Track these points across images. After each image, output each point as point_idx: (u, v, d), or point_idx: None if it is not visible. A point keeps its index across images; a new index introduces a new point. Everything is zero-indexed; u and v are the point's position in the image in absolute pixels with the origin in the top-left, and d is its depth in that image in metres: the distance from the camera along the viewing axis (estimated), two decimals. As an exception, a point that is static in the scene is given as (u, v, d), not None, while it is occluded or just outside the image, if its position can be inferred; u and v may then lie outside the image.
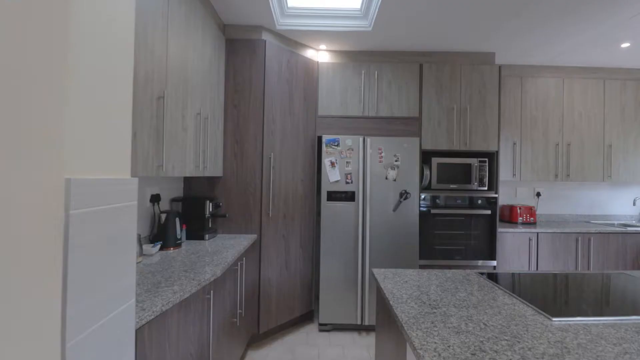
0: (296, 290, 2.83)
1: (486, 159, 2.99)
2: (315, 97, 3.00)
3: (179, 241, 2.08)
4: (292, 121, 2.83)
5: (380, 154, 2.87)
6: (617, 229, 2.97)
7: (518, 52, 3.08)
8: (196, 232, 2.33)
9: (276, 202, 2.67)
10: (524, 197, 3.55)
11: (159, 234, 2.04)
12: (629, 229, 2.95)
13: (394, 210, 2.86)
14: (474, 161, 2.99)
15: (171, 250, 2.01)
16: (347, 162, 2.85)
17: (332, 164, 2.86)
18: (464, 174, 2.99)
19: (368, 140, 2.84)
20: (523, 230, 2.97)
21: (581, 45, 2.87)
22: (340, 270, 2.80)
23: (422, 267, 2.94)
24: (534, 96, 3.24)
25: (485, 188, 2.99)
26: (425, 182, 3.02)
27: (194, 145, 2.01)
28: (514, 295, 1.28)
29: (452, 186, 3.00)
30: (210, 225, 2.43)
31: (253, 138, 2.58)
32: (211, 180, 2.57)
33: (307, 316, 2.99)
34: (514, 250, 2.98)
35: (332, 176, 2.86)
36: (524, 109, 3.24)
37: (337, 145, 2.86)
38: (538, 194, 3.51)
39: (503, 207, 3.40)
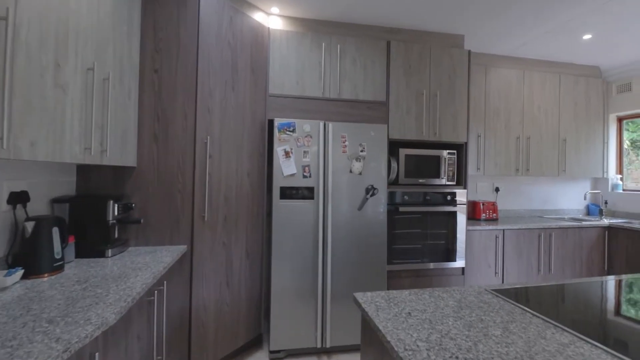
0: (241, 311, 2.24)
1: (455, 151, 2.75)
2: (266, 70, 2.43)
3: (59, 263, 1.37)
4: (236, 98, 2.23)
5: (344, 142, 2.42)
6: (574, 223, 2.96)
7: (485, 39, 2.90)
8: (93, 246, 1.61)
9: (214, 201, 2.06)
10: (484, 192, 3.43)
11: (23, 253, 1.31)
12: (584, 223, 2.97)
13: (360, 208, 2.44)
14: (443, 153, 2.72)
15: (45, 279, 1.30)
16: (304, 152, 2.35)
17: (287, 154, 2.34)
18: (432, 167, 2.71)
19: (330, 126, 2.37)
20: (490, 227, 2.79)
21: (545, 35, 2.77)
22: (296, 282, 2.30)
23: (390, 272, 2.58)
24: (497, 87, 3.11)
25: (454, 183, 2.75)
26: (393, 176, 2.66)
27: (81, 115, 1.32)
28: (563, 327, 0.91)
29: (420, 181, 2.69)
30: (116, 236, 1.73)
31: (182, 116, 1.93)
32: (119, 172, 1.85)
33: (255, 342, 2.42)
34: (482, 248, 2.79)
35: (287, 169, 2.33)
36: (487, 100, 3.09)
37: (293, 131, 2.34)
38: (497, 189, 3.42)
39: (467, 202, 3.22)
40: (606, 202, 3.48)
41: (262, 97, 2.42)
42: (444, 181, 2.73)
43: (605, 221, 3.05)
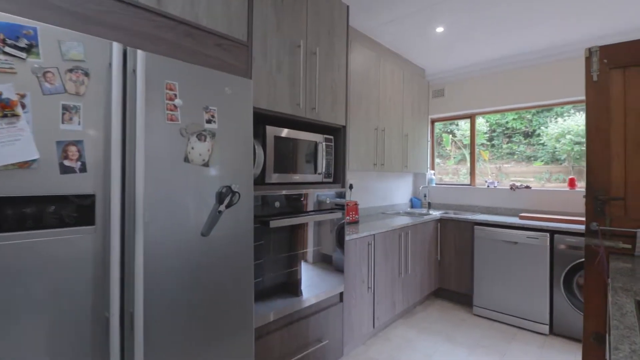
0: None
1: (332, 137, 2.05)
2: None
3: None
4: None
5: (172, 100, 1.18)
6: (419, 218, 2.97)
7: (355, 4, 2.36)
8: None
9: None
10: (339, 191, 2.97)
11: None
12: (425, 217, 3.04)
13: (206, 232, 1.27)
14: (319, 139, 1.96)
15: None
16: (66, 108, 0.95)
17: (4, 108, 0.86)
18: (309, 158, 1.89)
19: (140, 57, 1.06)
20: (365, 234, 2.29)
21: (407, 17, 2.55)
22: None
23: (260, 330, 1.56)
24: (360, 68, 2.67)
25: (331, 180, 2.05)
26: (257, 170, 1.63)
27: None
28: None
29: (295, 177, 1.81)
30: None
31: None
32: None
33: None
34: (357, 260, 2.25)
35: (5, 148, 0.86)
36: (353, 82, 2.59)
37: (26, 49, 0.89)
38: (350, 187, 3.05)
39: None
40: (425, 195, 3.88)
41: None
42: (321, 178, 1.97)
43: (437, 213, 3.29)
